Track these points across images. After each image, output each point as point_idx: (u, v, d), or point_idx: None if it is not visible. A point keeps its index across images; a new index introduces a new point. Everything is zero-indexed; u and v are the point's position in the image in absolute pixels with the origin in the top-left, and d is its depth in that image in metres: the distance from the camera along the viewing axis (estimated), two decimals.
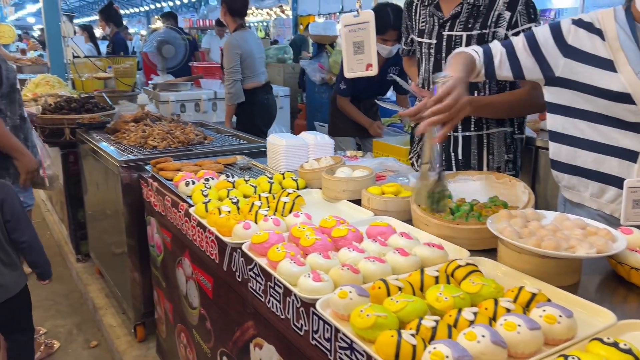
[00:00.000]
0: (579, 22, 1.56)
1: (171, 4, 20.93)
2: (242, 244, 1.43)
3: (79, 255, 3.97)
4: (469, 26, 1.94)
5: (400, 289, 1.09)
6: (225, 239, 1.50)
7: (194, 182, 1.98)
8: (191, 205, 1.82)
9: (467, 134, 2.04)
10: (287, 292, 1.31)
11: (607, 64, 1.48)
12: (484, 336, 0.88)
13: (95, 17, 21.26)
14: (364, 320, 0.98)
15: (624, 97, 1.46)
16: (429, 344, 0.90)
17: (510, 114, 2.02)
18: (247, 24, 4.58)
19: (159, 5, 21.90)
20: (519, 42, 1.65)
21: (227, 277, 1.69)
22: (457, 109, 1.44)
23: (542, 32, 1.62)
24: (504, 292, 1.09)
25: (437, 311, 1.03)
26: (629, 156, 1.51)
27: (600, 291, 1.23)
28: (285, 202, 1.65)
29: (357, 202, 1.74)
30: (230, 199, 1.73)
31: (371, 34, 1.84)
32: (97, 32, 10.85)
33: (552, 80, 1.61)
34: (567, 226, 1.27)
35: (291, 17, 16.11)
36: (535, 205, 1.48)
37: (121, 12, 12.56)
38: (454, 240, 1.38)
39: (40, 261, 2.48)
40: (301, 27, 14.20)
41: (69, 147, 3.65)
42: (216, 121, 4.40)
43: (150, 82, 5.89)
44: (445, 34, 1.99)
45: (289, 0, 16.26)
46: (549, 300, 1.04)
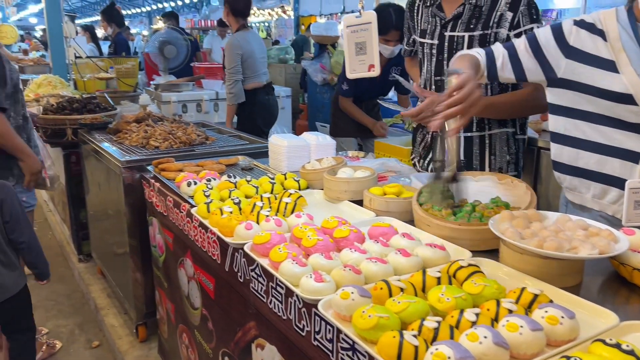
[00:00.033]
0: (580, 23, 1.56)
1: (173, 4, 20.98)
2: (244, 244, 1.43)
3: (80, 255, 3.98)
4: (471, 27, 1.94)
5: (402, 289, 1.09)
6: (227, 240, 1.50)
7: (195, 183, 1.99)
8: (193, 205, 1.82)
9: (469, 134, 2.03)
10: (289, 293, 1.31)
11: (609, 65, 1.48)
12: (486, 337, 0.88)
13: (97, 18, 21.33)
14: (365, 321, 0.98)
15: (626, 98, 1.45)
16: (431, 345, 0.90)
17: (512, 114, 2.02)
18: (249, 25, 4.57)
19: (160, 5, 21.95)
20: (521, 44, 1.65)
21: (229, 277, 1.69)
22: (471, 102, 1.45)
23: (543, 33, 1.61)
24: (506, 293, 1.09)
25: (439, 312, 1.03)
26: (631, 157, 1.51)
27: (602, 292, 1.23)
28: (287, 203, 1.65)
29: (359, 202, 1.74)
30: (232, 199, 1.73)
31: (373, 35, 1.84)
32: (99, 33, 10.87)
33: (554, 81, 1.61)
34: (569, 227, 1.27)
35: (293, 17, 16.14)
36: (537, 206, 1.48)
37: (123, 12, 12.60)
38: (456, 241, 1.37)
39: (38, 262, 2.48)
40: (303, 27, 14.21)
41: (71, 147, 3.66)
42: (218, 121, 4.40)
43: (152, 82, 5.89)
44: (447, 34, 1.99)
45: (290, 0, 16.29)
46: (551, 301, 1.04)
